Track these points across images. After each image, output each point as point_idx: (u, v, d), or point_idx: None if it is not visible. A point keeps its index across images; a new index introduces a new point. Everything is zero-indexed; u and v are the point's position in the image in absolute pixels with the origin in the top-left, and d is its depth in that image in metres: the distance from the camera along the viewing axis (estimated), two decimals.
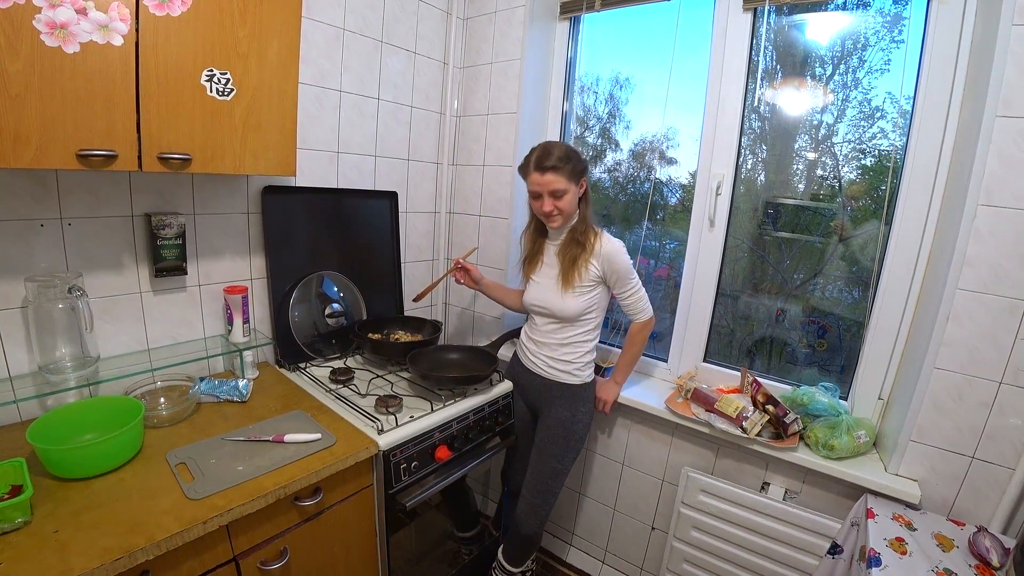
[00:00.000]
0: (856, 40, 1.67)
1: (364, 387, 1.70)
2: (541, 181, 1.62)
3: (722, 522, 1.73)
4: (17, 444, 1.20)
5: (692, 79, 1.94)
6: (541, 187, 1.63)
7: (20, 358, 1.35)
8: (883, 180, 1.64)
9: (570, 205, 1.65)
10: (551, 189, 1.61)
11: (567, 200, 1.63)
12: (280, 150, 1.47)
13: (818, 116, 1.77)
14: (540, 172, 1.62)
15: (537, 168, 1.62)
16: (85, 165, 1.11)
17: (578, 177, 1.65)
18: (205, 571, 1.11)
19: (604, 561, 2.24)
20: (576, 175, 1.63)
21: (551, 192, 1.62)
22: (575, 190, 1.65)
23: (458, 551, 1.97)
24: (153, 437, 1.32)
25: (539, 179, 1.62)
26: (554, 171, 1.60)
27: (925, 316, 1.47)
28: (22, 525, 0.98)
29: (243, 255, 1.79)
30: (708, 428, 1.71)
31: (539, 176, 1.62)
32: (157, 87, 1.18)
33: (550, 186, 1.61)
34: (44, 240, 1.35)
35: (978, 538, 1.24)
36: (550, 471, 1.75)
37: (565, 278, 1.68)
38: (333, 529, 1.38)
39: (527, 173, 1.66)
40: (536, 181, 1.63)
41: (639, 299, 1.72)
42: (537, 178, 1.62)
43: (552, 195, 1.62)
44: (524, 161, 1.68)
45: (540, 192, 1.64)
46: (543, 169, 1.61)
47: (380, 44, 2.04)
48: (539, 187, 1.63)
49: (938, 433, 1.40)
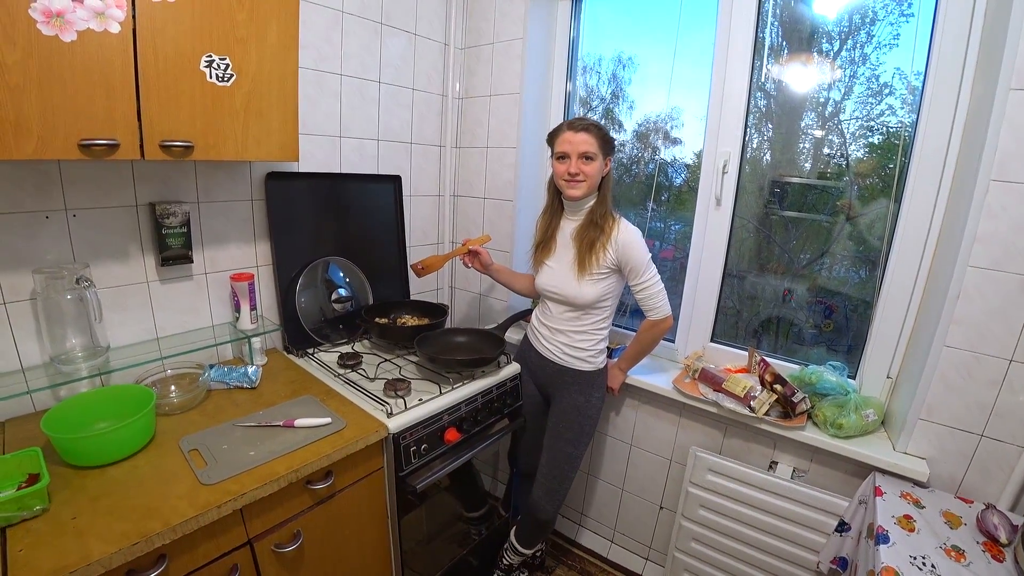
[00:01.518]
0: (864, 14, 1.63)
1: (372, 371, 1.71)
2: (574, 139, 1.59)
3: (730, 501, 1.74)
4: (32, 434, 1.22)
5: (696, 57, 1.91)
6: (572, 146, 1.59)
7: (32, 349, 1.36)
8: (891, 158, 1.61)
9: (596, 175, 1.62)
10: (582, 151, 1.59)
11: (594, 167, 1.61)
12: (282, 135, 1.46)
13: (825, 93, 1.74)
14: (574, 131, 1.60)
15: (570, 127, 1.60)
16: (87, 155, 1.10)
17: (607, 151, 1.63)
18: (221, 554, 1.13)
19: (613, 540, 2.27)
20: (606, 147, 1.62)
21: (581, 153, 1.59)
22: (601, 163, 1.62)
23: (467, 531, 1.99)
24: (165, 424, 1.34)
25: (572, 137, 1.60)
26: (587, 131, 1.58)
27: (935, 294, 1.46)
28: (40, 512, 1.00)
29: (248, 242, 1.79)
30: (716, 408, 1.72)
31: (572, 134, 1.60)
32: (156, 74, 1.17)
33: (581, 146, 1.59)
34: (50, 232, 1.35)
35: (986, 515, 1.24)
36: (565, 456, 1.76)
37: (581, 263, 1.65)
38: (345, 512, 1.40)
39: (558, 133, 1.64)
40: (568, 139, 1.60)
41: (653, 294, 1.64)
42: (570, 136, 1.60)
43: (581, 157, 1.60)
44: (555, 128, 1.67)
45: (569, 153, 1.60)
46: (576, 128, 1.59)
47: (380, 26, 2.02)
48: (570, 146, 1.60)
49: (947, 411, 1.40)
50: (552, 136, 1.68)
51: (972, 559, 1.15)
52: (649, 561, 2.16)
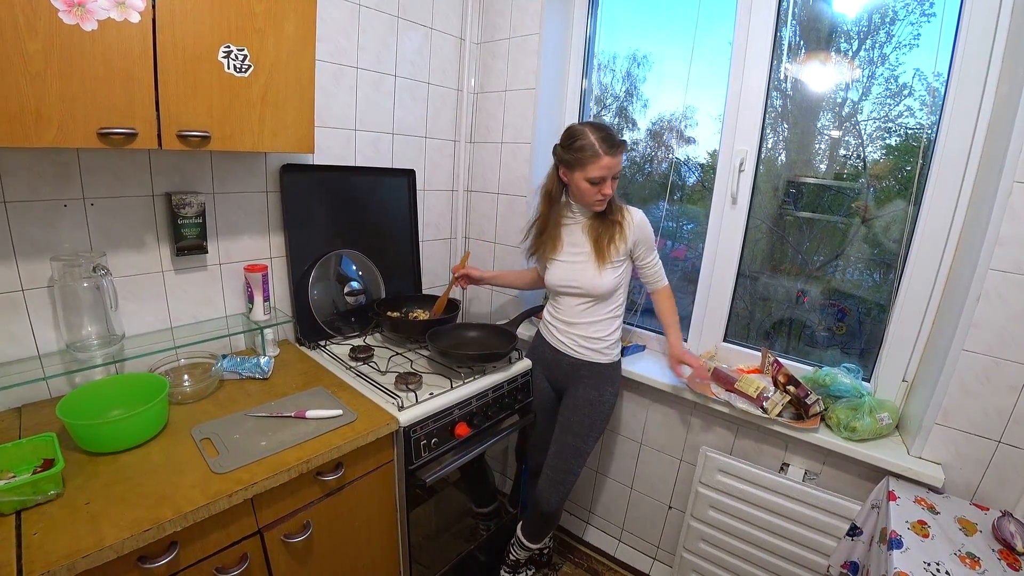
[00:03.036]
0: (884, 14, 1.61)
1: (384, 364, 1.71)
2: (613, 164, 1.55)
3: (740, 502, 1.73)
4: (48, 420, 1.23)
5: (711, 55, 1.90)
6: (611, 171, 1.55)
7: (48, 336, 1.37)
8: (909, 160, 1.59)
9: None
10: (616, 172, 1.56)
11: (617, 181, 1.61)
12: (298, 127, 1.46)
13: (842, 93, 1.72)
14: (612, 154, 1.54)
15: (610, 150, 1.53)
16: (106, 144, 1.11)
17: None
18: (231, 543, 1.14)
19: (621, 539, 2.26)
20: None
21: (615, 175, 1.57)
22: None
23: (476, 527, 2.00)
24: (178, 413, 1.35)
25: (611, 162, 1.54)
26: (622, 150, 1.56)
27: (954, 297, 1.43)
28: (55, 497, 1.01)
29: (262, 234, 1.79)
30: (728, 408, 1.70)
31: (611, 159, 1.54)
32: (175, 64, 1.17)
33: (616, 168, 1.56)
34: (68, 220, 1.36)
35: (1002, 523, 1.22)
36: (573, 450, 1.76)
37: (601, 255, 1.65)
38: (354, 504, 1.41)
39: (595, 157, 1.53)
40: (607, 165, 1.54)
41: (660, 266, 1.74)
42: (609, 162, 1.54)
43: (613, 178, 1.58)
44: (582, 146, 1.55)
45: (606, 176, 1.56)
46: (616, 150, 1.54)
47: (396, 20, 2.02)
48: (609, 171, 1.55)
49: (964, 416, 1.38)
50: (582, 157, 1.55)
51: (987, 567, 1.13)
52: (657, 561, 2.15)
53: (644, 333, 2.17)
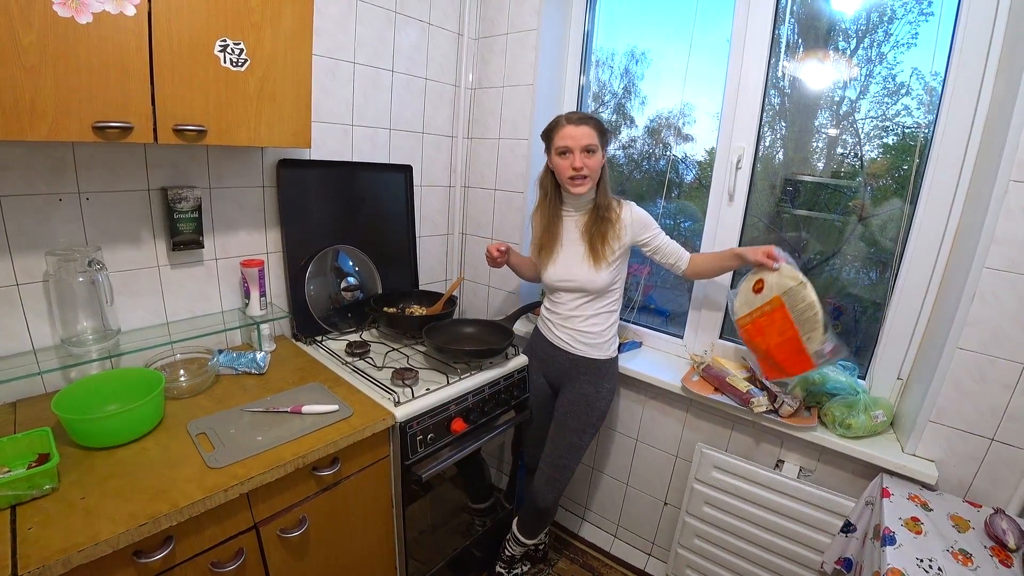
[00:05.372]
0: (882, 13, 1.61)
1: (380, 360, 1.71)
2: (575, 133, 1.56)
3: (735, 499, 1.74)
4: (43, 414, 1.23)
5: (709, 53, 1.90)
6: (574, 140, 1.56)
7: (43, 331, 1.37)
8: (906, 159, 1.59)
9: (597, 168, 1.61)
10: (584, 144, 1.55)
11: (596, 160, 1.59)
12: (295, 122, 1.46)
13: (840, 92, 1.72)
14: (573, 124, 1.56)
15: (569, 121, 1.57)
16: (101, 137, 1.10)
17: (606, 142, 1.62)
18: (227, 538, 1.14)
19: (616, 536, 2.27)
20: (604, 139, 1.61)
21: (583, 147, 1.56)
22: (601, 154, 1.61)
23: (471, 522, 2.00)
24: (174, 408, 1.35)
25: (572, 131, 1.56)
26: (587, 124, 1.56)
27: (949, 295, 1.44)
28: (50, 491, 1.01)
29: (259, 229, 1.79)
30: (720, 405, 1.71)
31: (573, 128, 1.56)
32: (171, 58, 1.17)
33: (583, 140, 1.55)
34: (63, 215, 1.36)
35: (995, 520, 1.23)
36: (568, 445, 1.76)
37: (595, 255, 1.65)
38: (350, 499, 1.41)
39: (556, 128, 1.59)
40: (569, 134, 1.56)
41: (673, 247, 1.71)
42: (571, 130, 1.56)
43: (584, 150, 1.57)
44: (550, 123, 1.62)
45: (571, 147, 1.56)
46: (576, 121, 1.56)
47: (394, 15, 2.01)
48: (572, 140, 1.56)
49: (958, 414, 1.38)
50: (549, 132, 1.63)
51: (979, 563, 1.14)
52: (652, 557, 2.16)
53: (640, 330, 2.17)
